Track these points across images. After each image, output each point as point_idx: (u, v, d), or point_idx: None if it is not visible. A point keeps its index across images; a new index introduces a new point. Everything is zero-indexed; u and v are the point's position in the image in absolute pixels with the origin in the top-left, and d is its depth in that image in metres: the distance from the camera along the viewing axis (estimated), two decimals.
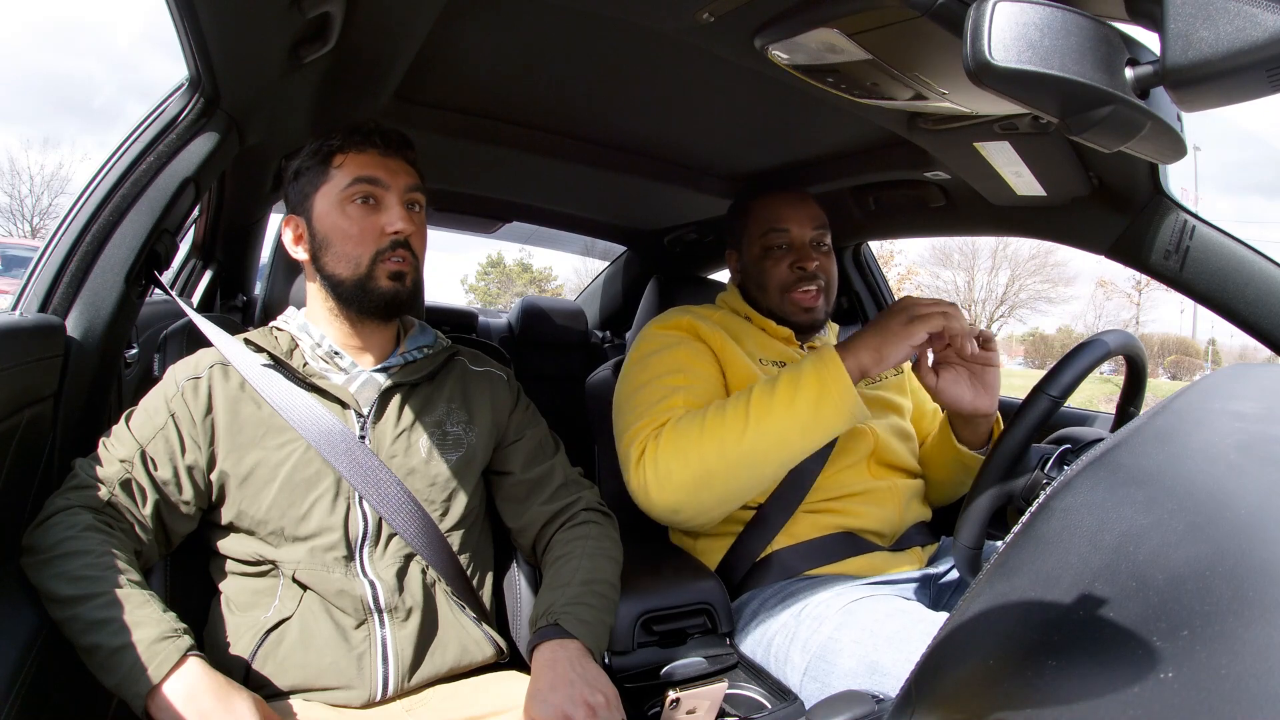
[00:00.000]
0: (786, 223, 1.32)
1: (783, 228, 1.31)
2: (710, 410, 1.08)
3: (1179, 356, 24.07)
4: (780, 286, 1.31)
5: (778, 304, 1.32)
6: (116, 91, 59.51)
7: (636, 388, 1.20)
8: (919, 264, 26.53)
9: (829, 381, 1.02)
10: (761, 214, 1.34)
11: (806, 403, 1.02)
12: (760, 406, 1.04)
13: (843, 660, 0.98)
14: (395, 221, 0.95)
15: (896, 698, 0.44)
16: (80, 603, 0.74)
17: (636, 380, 1.22)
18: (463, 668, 0.95)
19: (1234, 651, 0.31)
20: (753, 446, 1.03)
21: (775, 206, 1.34)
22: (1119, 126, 0.50)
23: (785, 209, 1.33)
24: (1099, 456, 0.48)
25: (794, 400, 1.02)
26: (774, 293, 1.31)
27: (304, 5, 0.84)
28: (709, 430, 1.05)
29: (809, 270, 1.29)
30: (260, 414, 0.92)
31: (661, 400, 1.15)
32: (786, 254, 1.31)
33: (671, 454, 1.06)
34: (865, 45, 0.82)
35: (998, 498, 0.95)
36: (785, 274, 1.30)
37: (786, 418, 1.02)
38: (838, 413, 1.02)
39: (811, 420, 1.02)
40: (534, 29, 1.04)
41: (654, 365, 1.22)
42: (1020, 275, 25.45)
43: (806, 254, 1.30)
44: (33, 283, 0.92)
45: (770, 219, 1.33)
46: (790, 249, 1.31)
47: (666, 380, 1.18)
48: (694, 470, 1.05)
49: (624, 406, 1.21)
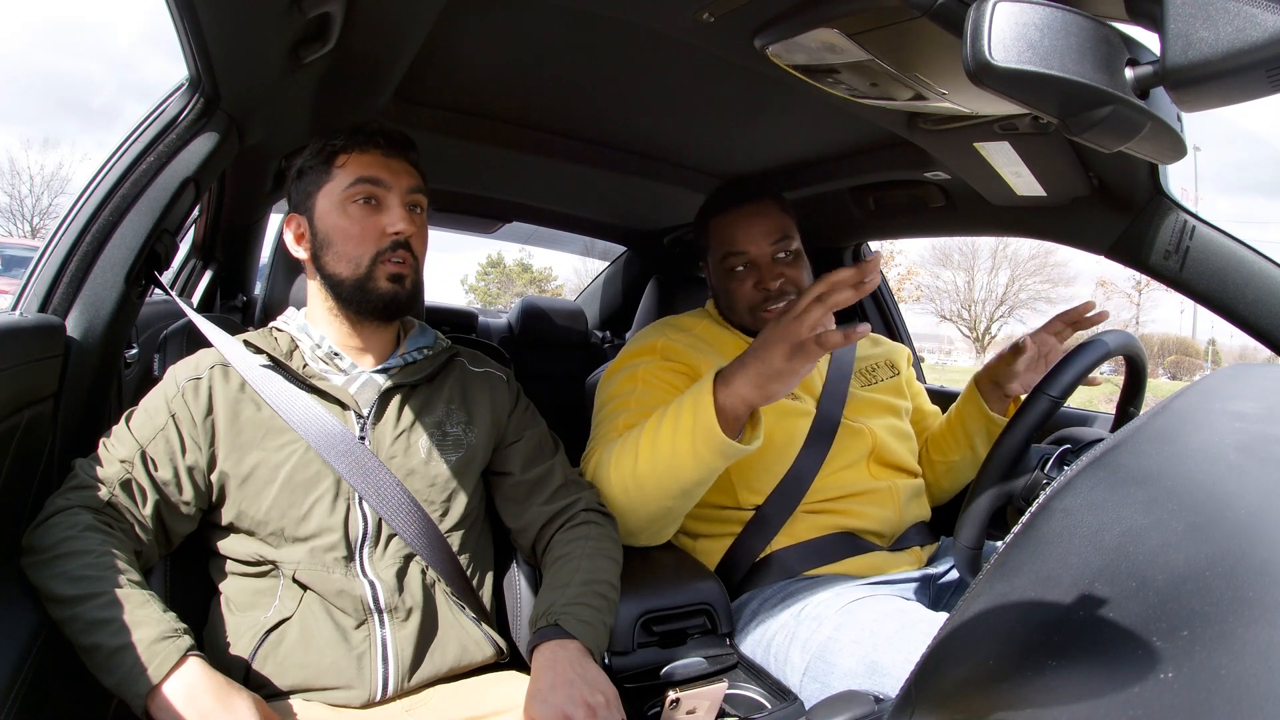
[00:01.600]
0: (743, 245, 1.27)
1: (740, 250, 1.27)
2: (631, 434, 1.08)
3: (1179, 357, 24.07)
4: (748, 306, 1.29)
5: (749, 321, 1.31)
6: (116, 91, 59.56)
7: (599, 407, 1.25)
8: (919, 264, 26.56)
9: (700, 422, 0.95)
10: (719, 235, 1.31)
11: (684, 439, 0.98)
12: (648, 438, 1.03)
13: (842, 660, 0.98)
14: (396, 222, 0.95)
15: (896, 698, 0.44)
16: (80, 602, 0.74)
17: (598, 401, 1.26)
18: (463, 668, 0.95)
19: (1234, 652, 0.31)
20: (647, 475, 1.03)
21: (730, 227, 1.29)
22: (1119, 127, 0.50)
23: (739, 230, 1.28)
24: (1099, 456, 0.48)
25: (675, 435, 0.99)
26: (743, 312, 1.30)
27: (304, 5, 0.85)
28: (614, 460, 1.07)
29: (774, 290, 1.26)
30: (260, 415, 0.92)
31: (608, 421, 1.19)
32: (749, 274, 1.28)
33: (604, 479, 1.09)
34: (865, 45, 0.82)
35: (998, 498, 0.95)
36: (751, 294, 1.28)
37: (670, 452, 0.99)
38: (711, 452, 0.96)
39: (690, 455, 0.98)
40: (534, 29, 1.04)
41: (613, 386, 1.25)
42: (1020, 275, 25.48)
43: (769, 272, 1.27)
44: (33, 283, 0.92)
45: (727, 241, 1.29)
46: (751, 269, 1.28)
47: (620, 403, 1.21)
48: (619, 494, 1.07)
49: (592, 425, 1.25)
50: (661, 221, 2.18)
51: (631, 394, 1.20)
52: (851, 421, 1.26)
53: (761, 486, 1.20)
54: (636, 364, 1.25)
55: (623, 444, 1.07)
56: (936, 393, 1.71)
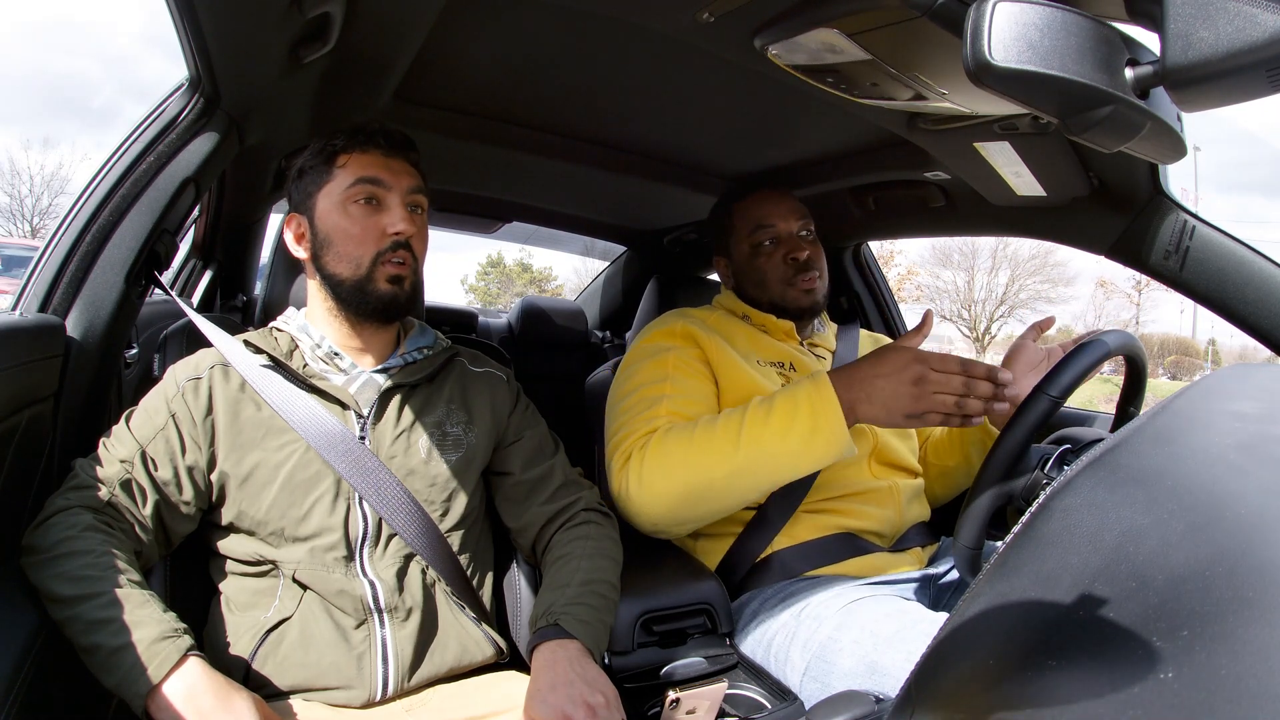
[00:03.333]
0: (772, 219, 1.34)
1: (769, 224, 1.34)
2: (700, 426, 1.07)
3: (1179, 357, 24.06)
4: (780, 279, 1.32)
5: (780, 295, 1.33)
6: (116, 92, 59.56)
7: (625, 394, 1.21)
8: (919, 264, 26.54)
9: (823, 418, 0.99)
10: (745, 214, 1.36)
11: (800, 434, 1.00)
12: (753, 430, 1.02)
13: (843, 660, 0.98)
14: (397, 222, 0.95)
15: (896, 698, 0.44)
16: (80, 602, 0.74)
17: (626, 386, 1.22)
18: (463, 668, 0.95)
19: (1234, 651, 0.31)
20: (741, 469, 1.02)
21: (758, 205, 1.36)
22: (1119, 126, 0.50)
23: (768, 206, 1.35)
24: (1099, 456, 0.48)
25: (788, 429, 1.00)
26: (775, 286, 1.33)
27: (304, 5, 0.85)
28: (697, 447, 1.04)
29: (803, 259, 1.31)
30: (260, 415, 0.92)
31: (647, 409, 1.15)
32: (777, 248, 1.33)
33: (656, 467, 1.06)
34: (865, 45, 0.82)
35: (998, 498, 0.95)
36: (781, 267, 1.32)
37: (778, 445, 1.01)
38: (829, 448, 1.00)
39: (803, 451, 1.01)
40: (534, 29, 1.04)
41: (643, 372, 1.22)
42: (1020, 275, 25.45)
43: (797, 244, 1.33)
44: (33, 283, 0.92)
45: (756, 218, 1.35)
46: (780, 243, 1.33)
47: (653, 389, 1.18)
48: (678, 486, 1.05)
49: (613, 411, 1.21)
50: (661, 221, 2.18)
51: (665, 380, 1.19)
52: None
53: None
54: (664, 349, 1.24)
55: (707, 430, 1.05)
56: None
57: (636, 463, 1.08)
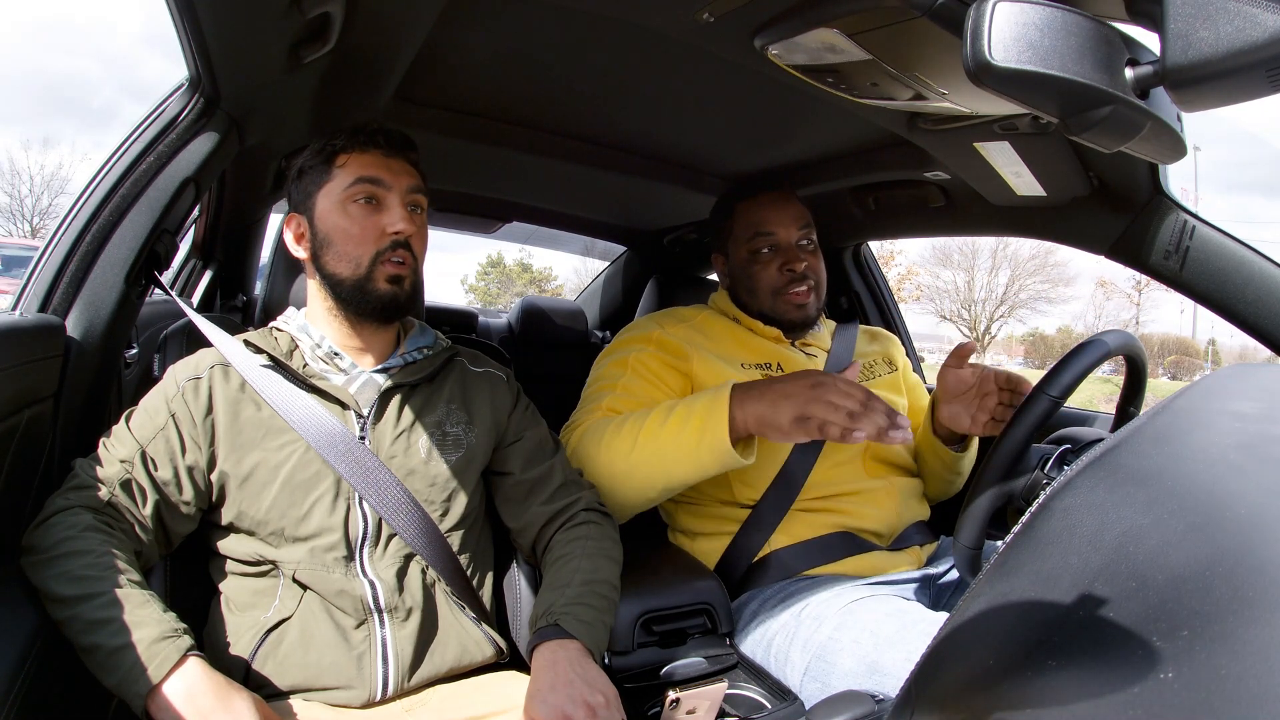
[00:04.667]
0: (772, 226, 1.32)
1: (769, 231, 1.32)
2: (614, 422, 1.11)
3: (1179, 357, 24.07)
4: (771, 289, 1.32)
5: (770, 305, 1.32)
6: (115, 92, 59.53)
7: (588, 384, 1.27)
8: (919, 264, 26.56)
9: (709, 428, 1.01)
10: (746, 217, 1.35)
11: (689, 438, 1.02)
12: (651, 429, 1.06)
13: (843, 660, 0.98)
14: (396, 222, 0.95)
15: (896, 698, 0.44)
16: (80, 602, 0.74)
17: (590, 377, 1.29)
18: (463, 668, 0.95)
19: (1234, 651, 0.31)
20: (637, 465, 1.06)
21: (760, 209, 1.34)
22: (1119, 126, 0.50)
23: (770, 211, 1.33)
24: (1099, 456, 0.48)
25: (681, 431, 1.03)
26: (765, 295, 1.32)
27: (304, 5, 0.84)
28: (605, 442, 1.09)
29: (799, 271, 1.30)
30: (260, 415, 0.92)
31: (593, 401, 1.20)
32: (774, 256, 1.32)
33: (578, 455, 1.12)
34: (865, 45, 0.82)
35: (998, 498, 0.95)
36: (775, 276, 1.31)
37: (671, 446, 1.04)
38: (713, 456, 1.01)
39: (691, 455, 1.02)
40: (534, 29, 1.04)
41: (604, 368, 1.28)
42: (1020, 275, 25.47)
43: (794, 255, 1.31)
44: (33, 283, 0.92)
45: (756, 222, 1.33)
46: (778, 251, 1.32)
47: (605, 385, 1.23)
48: (603, 472, 1.09)
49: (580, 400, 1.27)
50: (661, 221, 2.18)
51: (619, 378, 1.22)
52: None
53: (757, 481, 1.20)
54: (629, 351, 1.27)
55: (617, 427, 1.09)
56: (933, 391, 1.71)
57: (568, 449, 1.14)
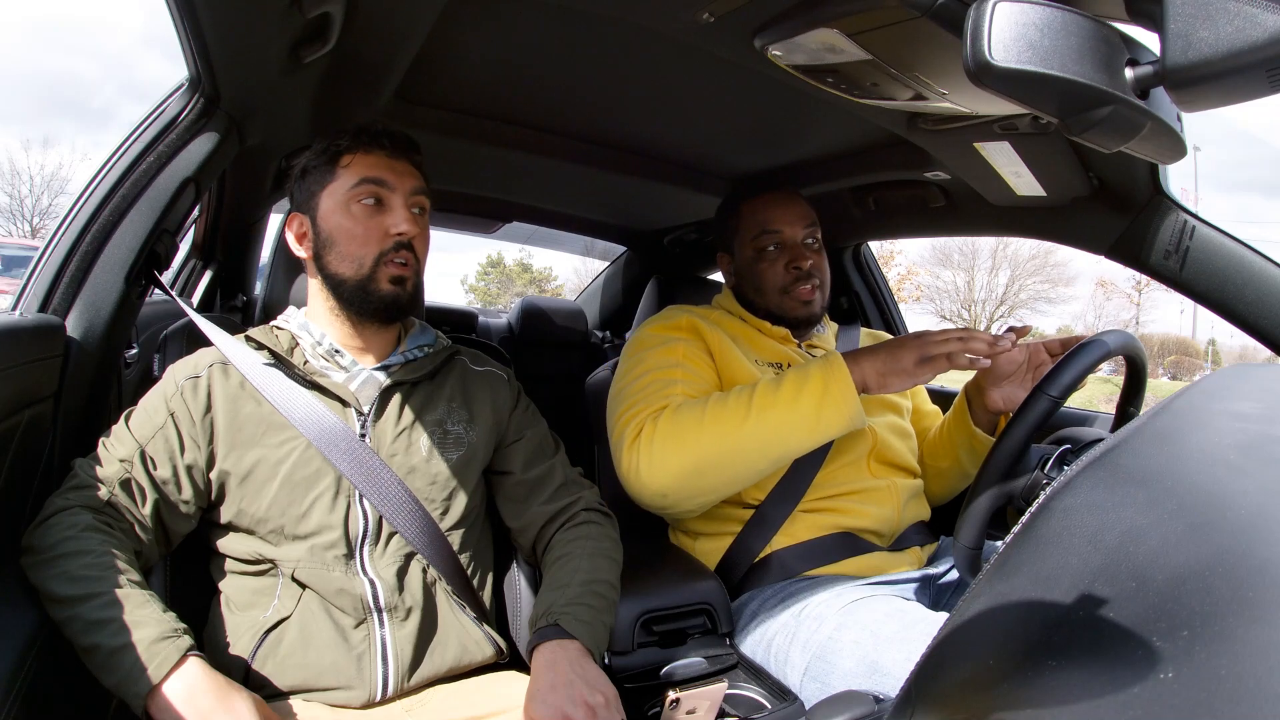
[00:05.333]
0: (778, 224, 1.32)
1: (775, 229, 1.32)
2: (711, 399, 1.10)
3: (1179, 357, 24.07)
4: (778, 287, 1.32)
5: (776, 304, 1.32)
6: (115, 92, 59.51)
7: (635, 378, 1.21)
8: (919, 264, 26.56)
9: (833, 384, 1.04)
10: (752, 216, 1.35)
11: (810, 401, 1.04)
12: (764, 399, 1.06)
13: (842, 660, 0.98)
14: (400, 223, 0.95)
15: (896, 698, 0.44)
16: (80, 602, 0.74)
17: (635, 372, 1.23)
18: (462, 667, 0.95)
19: (1234, 652, 0.31)
20: (751, 437, 1.05)
21: (766, 208, 1.34)
22: (1119, 127, 0.50)
23: (776, 210, 1.33)
24: (1099, 457, 0.48)
25: (798, 397, 1.05)
26: (772, 293, 1.32)
27: (304, 5, 0.85)
28: (709, 417, 1.07)
29: (804, 270, 1.30)
30: (260, 412, 0.92)
31: (662, 389, 1.17)
32: (781, 254, 1.32)
33: (668, 437, 1.08)
34: (865, 45, 0.82)
35: (998, 498, 0.95)
36: (781, 274, 1.31)
37: (788, 413, 1.05)
38: (838, 414, 1.04)
39: (813, 418, 1.04)
40: (534, 29, 1.04)
41: (653, 358, 1.23)
42: (1020, 275, 25.47)
43: (800, 253, 1.31)
44: (33, 283, 0.92)
45: (762, 221, 1.33)
46: (784, 249, 1.32)
47: (666, 373, 1.19)
48: (689, 455, 1.06)
49: (621, 395, 1.21)
50: (661, 222, 2.18)
51: (678, 366, 1.21)
52: None
53: (764, 481, 1.20)
54: (673, 339, 1.25)
55: (720, 402, 1.09)
56: (937, 393, 1.71)
57: (649, 434, 1.10)
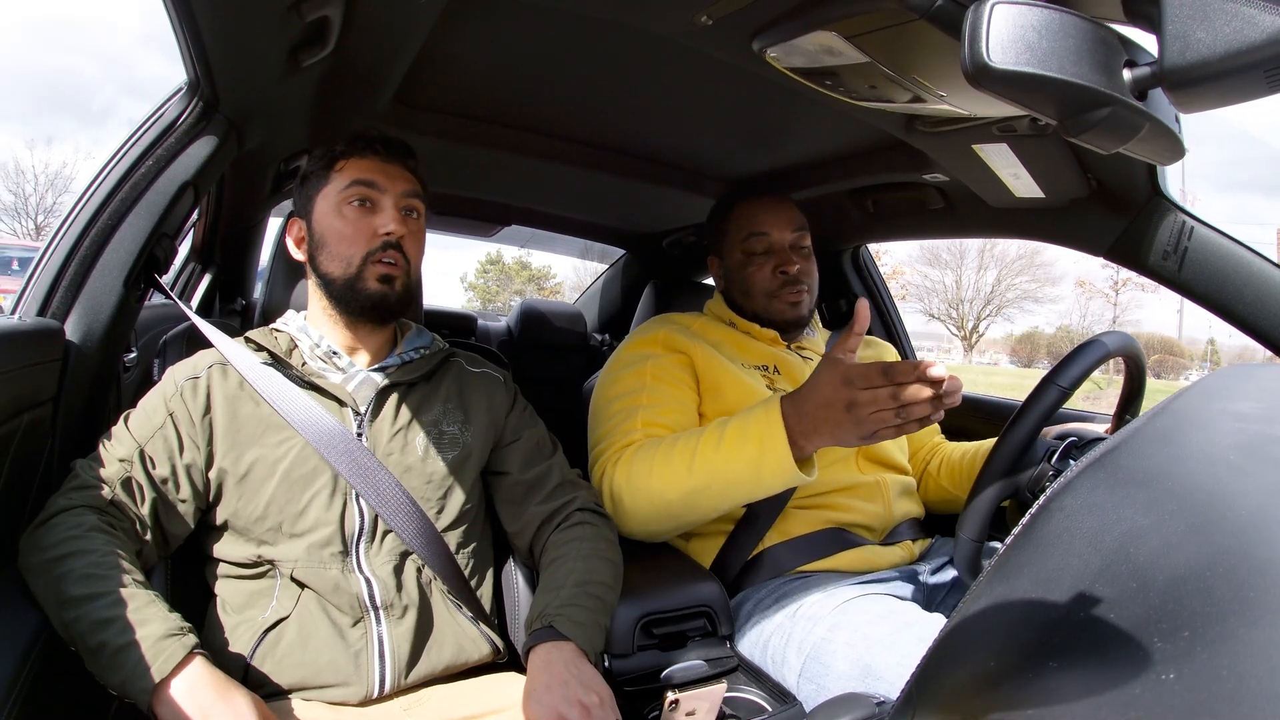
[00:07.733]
0: (766, 227, 1.32)
1: (762, 231, 1.32)
2: (663, 445, 1.08)
3: (1163, 355, 24.13)
4: (765, 291, 1.32)
5: (763, 306, 1.33)
6: (116, 92, 59.53)
7: (606, 402, 1.23)
8: (906, 263, 26.64)
9: (768, 446, 0.96)
10: (741, 219, 1.35)
11: (747, 459, 0.98)
12: (705, 452, 1.02)
13: (837, 663, 0.98)
14: (388, 223, 0.97)
15: (897, 700, 0.44)
16: (87, 602, 0.74)
17: (607, 395, 1.24)
18: (459, 666, 0.95)
19: (1235, 652, 0.31)
20: (698, 489, 1.03)
21: (754, 211, 1.34)
22: (1117, 128, 0.50)
23: (764, 213, 1.33)
24: (1099, 457, 0.48)
25: (736, 455, 0.99)
26: (759, 296, 1.32)
27: (303, 9, 0.85)
28: (659, 466, 1.06)
29: (791, 274, 1.30)
30: (259, 412, 0.93)
31: (623, 421, 1.17)
32: (768, 258, 1.32)
33: (625, 484, 1.09)
34: (863, 48, 0.82)
35: (1004, 489, 0.95)
36: (769, 278, 1.31)
37: (728, 469, 1.00)
38: (776, 477, 0.98)
39: (751, 476, 0.99)
40: (533, 33, 1.05)
41: (621, 382, 1.24)
42: (1007, 275, 25.55)
43: (788, 258, 1.31)
44: (32, 286, 0.92)
45: (750, 224, 1.33)
46: (771, 253, 1.32)
47: (630, 400, 1.20)
48: (645, 503, 1.08)
49: (594, 420, 1.24)
50: (660, 225, 2.18)
51: (642, 390, 1.20)
52: None
53: None
54: (644, 358, 1.25)
55: (666, 454, 1.06)
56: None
57: (608, 479, 1.11)
